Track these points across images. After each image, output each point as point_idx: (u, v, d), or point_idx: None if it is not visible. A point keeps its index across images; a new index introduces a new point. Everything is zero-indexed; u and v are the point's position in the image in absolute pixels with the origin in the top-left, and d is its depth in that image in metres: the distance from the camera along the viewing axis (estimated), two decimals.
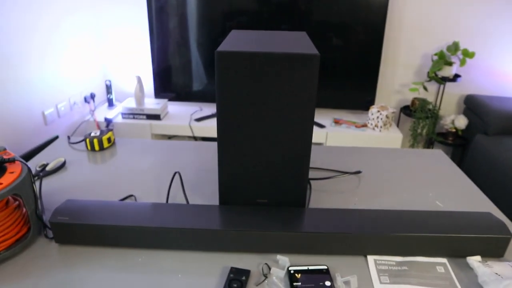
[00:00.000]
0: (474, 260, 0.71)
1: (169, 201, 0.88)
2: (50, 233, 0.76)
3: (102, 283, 0.65)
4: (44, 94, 2.04)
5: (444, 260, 0.73)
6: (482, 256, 0.73)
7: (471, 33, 2.41)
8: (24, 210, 0.73)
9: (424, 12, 2.38)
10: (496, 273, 0.66)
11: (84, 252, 0.72)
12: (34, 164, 1.04)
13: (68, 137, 1.19)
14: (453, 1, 2.34)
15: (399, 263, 0.71)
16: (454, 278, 0.69)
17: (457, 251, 0.72)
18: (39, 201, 0.84)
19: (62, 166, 1.02)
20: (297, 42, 0.77)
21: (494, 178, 2.03)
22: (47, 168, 1.00)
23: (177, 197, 0.90)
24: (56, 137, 1.21)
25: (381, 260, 0.72)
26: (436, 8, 2.36)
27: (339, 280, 0.66)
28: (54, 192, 0.91)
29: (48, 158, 1.08)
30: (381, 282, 0.67)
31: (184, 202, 0.88)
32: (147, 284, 0.65)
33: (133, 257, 0.71)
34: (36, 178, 0.96)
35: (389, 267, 0.70)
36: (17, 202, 0.74)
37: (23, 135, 1.89)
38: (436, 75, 2.38)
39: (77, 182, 0.95)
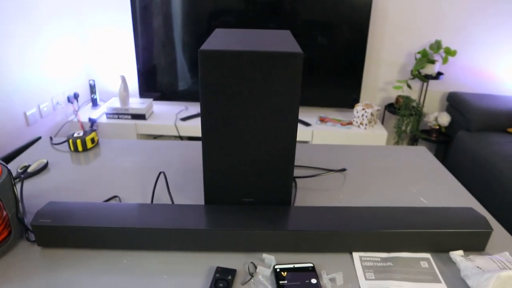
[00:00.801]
0: (457, 255, 0.72)
1: (154, 202, 0.87)
2: (32, 236, 0.75)
3: (86, 286, 0.64)
4: (26, 94, 2.00)
5: (427, 255, 0.74)
6: (464, 251, 0.74)
7: (453, 31, 2.45)
8: (5, 213, 0.72)
9: (407, 10, 2.41)
10: (478, 267, 0.68)
11: (68, 255, 0.71)
12: (15, 165, 1.02)
13: (51, 138, 1.17)
14: (436, 0, 2.37)
15: (384, 259, 0.72)
16: (437, 273, 0.70)
17: (440, 246, 0.74)
18: (20, 203, 0.82)
19: (44, 167, 1.00)
20: (281, 41, 0.77)
21: (476, 173, 2.07)
22: (29, 170, 0.98)
23: (162, 198, 0.89)
24: (39, 138, 1.19)
25: (366, 256, 0.73)
26: (419, 7, 2.40)
27: (324, 278, 0.66)
28: (36, 194, 0.89)
29: (30, 159, 1.06)
30: (366, 279, 0.68)
31: (169, 202, 0.87)
32: (132, 286, 0.65)
33: (118, 259, 0.70)
34: (17, 180, 0.94)
35: (374, 264, 0.71)
36: None
37: (4, 136, 1.85)
38: (419, 73, 2.42)
39: (59, 184, 0.94)
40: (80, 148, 1.10)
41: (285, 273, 0.67)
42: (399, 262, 0.72)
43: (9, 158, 1.56)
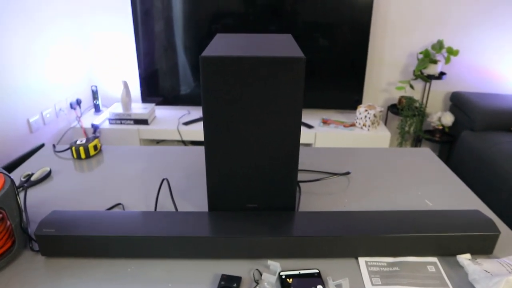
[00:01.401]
0: (464, 258, 0.72)
1: (158, 209, 0.87)
2: (36, 246, 0.75)
3: None
4: (28, 101, 2.00)
5: (434, 259, 0.73)
6: (472, 254, 0.73)
7: (456, 31, 2.44)
8: (8, 223, 0.72)
9: (408, 10, 2.40)
10: (486, 271, 0.67)
11: (72, 264, 0.71)
12: (18, 174, 1.02)
13: (54, 146, 1.17)
14: (437, 0, 2.36)
15: (390, 264, 0.71)
16: (445, 277, 0.69)
17: (447, 250, 0.73)
18: (23, 213, 0.82)
19: (47, 175, 1.00)
20: (283, 45, 0.76)
21: (481, 173, 2.06)
22: (32, 178, 0.98)
23: (165, 205, 0.89)
24: (42, 145, 1.19)
25: (372, 261, 0.72)
26: (420, 7, 2.39)
27: (330, 284, 0.65)
28: (39, 203, 0.89)
29: (33, 167, 1.05)
30: (373, 284, 0.67)
31: (173, 209, 0.87)
32: None
33: (122, 267, 0.70)
34: (21, 189, 0.94)
35: (380, 269, 0.70)
36: (0, 215, 0.72)
37: (7, 144, 1.86)
38: (422, 73, 2.41)
39: (63, 192, 0.94)
40: (83, 156, 1.10)
41: (291, 279, 0.66)
42: (405, 266, 0.71)
43: (13, 165, 1.56)
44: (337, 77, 2.42)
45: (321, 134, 2.31)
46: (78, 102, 2.44)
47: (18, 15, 1.90)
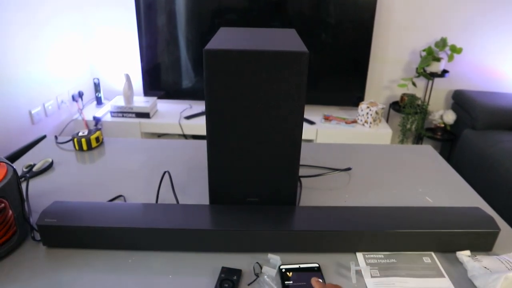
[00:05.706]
0: (464, 255, 0.72)
1: (159, 201, 0.87)
2: (38, 236, 0.75)
3: (91, 286, 0.64)
4: (31, 93, 2.00)
5: (430, 251, 0.74)
6: (471, 251, 0.74)
7: (459, 28, 2.43)
8: (10, 212, 0.72)
9: (412, 8, 2.39)
10: (485, 267, 0.67)
11: (73, 254, 0.71)
12: (20, 164, 1.02)
13: (56, 137, 1.17)
14: None
15: (387, 256, 0.72)
16: (440, 267, 0.70)
17: (446, 246, 0.73)
18: (25, 203, 0.82)
19: (49, 166, 1.01)
20: (286, 40, 0.76)
21: (482, 172, 2.06)
22: (34, 169, 0.98)
23: (166, 197, 0.89)
24: (44, 137, 1.19)
25: (369, 253, 0.73)
26: (424, 4, 2.38)
27: (352, 268, 0.68)
28: (41, 193, 0.90)
29: (35, 158, 1.06)
30: (372, 276, 0.68)
31: (174, 202, 0.87)
32: (137, 285, 0.65)
33: (123, 258, 0.70)
34: (23, 179, 0.94)
35: (378, 261, 0.71)
36: (2, 205, 0.72)
37: (10, 135, 1.86)
38: (424, 71, 2.40)
39: (65, 183, 0.94)
40: (85, 147, 1.10)
41: (291, 273, 0.67)
42: (402, 258, 0.72)
43: (14, 156, 1.56)
44: (340, 73, 2.42)
45: (323, 130, 2.31)
46: (80, 95, 2.44)
47: (21, 7, 1.90)
